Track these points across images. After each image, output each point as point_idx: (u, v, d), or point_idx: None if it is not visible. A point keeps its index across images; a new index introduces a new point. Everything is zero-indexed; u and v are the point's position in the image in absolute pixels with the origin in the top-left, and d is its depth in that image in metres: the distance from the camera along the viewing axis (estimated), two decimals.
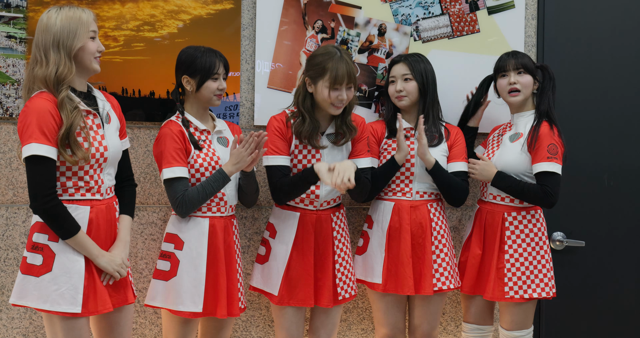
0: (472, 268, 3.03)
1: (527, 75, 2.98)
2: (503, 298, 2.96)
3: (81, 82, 2.49)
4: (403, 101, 3.00)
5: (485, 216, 3.03)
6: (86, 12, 2.44)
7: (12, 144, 2.89)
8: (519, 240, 2.98)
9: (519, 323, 3.01)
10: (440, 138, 3.01)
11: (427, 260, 2.94)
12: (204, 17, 3.06)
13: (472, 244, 3.06)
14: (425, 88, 2.99)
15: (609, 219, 3.49)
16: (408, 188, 2.98)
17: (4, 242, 2.89)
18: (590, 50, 3.47)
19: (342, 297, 2.88)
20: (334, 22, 3.19)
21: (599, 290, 3.50)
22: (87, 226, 2.44)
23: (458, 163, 3.01)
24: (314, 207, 2.87)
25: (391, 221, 2.98)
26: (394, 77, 3.02)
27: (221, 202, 2.74)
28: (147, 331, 3.05)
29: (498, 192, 3.00)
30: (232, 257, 2.75)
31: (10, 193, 2.89)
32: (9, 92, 2.86)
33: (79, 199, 2.45)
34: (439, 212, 3.01)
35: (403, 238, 2.94)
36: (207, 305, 2.68)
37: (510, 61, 3.00)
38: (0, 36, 2.85)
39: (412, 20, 3.27)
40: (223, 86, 2.74)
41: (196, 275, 2.67)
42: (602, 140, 3.49)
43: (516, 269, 2.96)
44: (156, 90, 2.99)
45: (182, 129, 2.71)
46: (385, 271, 2.96)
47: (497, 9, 3.35)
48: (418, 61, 3.00)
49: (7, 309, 2.89)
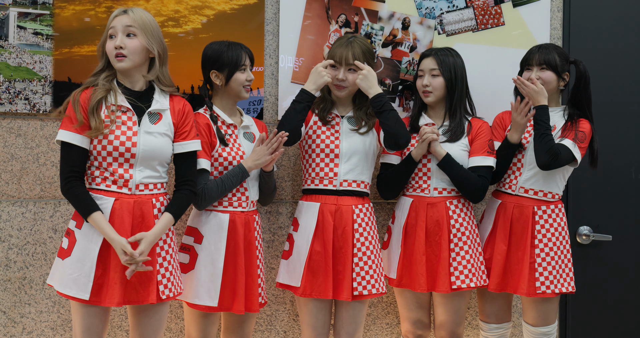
0: (498, 265, 2.98)
1: (549, 71, 2.95)
2: (535, 294, 2.93)
3: (129, 80, 2.56)
4: (429, 98, 2.98)
5: (512, 210, 2.99)
6: (114, 12, 2.57)
7: (40, 140, 2.92)
8: (548, 234, 2.96)
9: (545, 319, 2.99)
10: (462, 133, 2.98)
11: (443, 258, 2.91)
12: (228, 12, 3.06)
13: (496, 240, 3.00)
14: (452, 84, 2.96)
15: (636, 212, 3.46)
16: (426, 185, 2.97)
17: (32, 237, 2.92)
18: (617, 42, 3.43)
19: (358, 292, 2.83)
20: (358, 16, 3.18)
21: (626, 285, 3.47)
22: (109, 217, 2.47)
23: (477, 157, 2.96)
24: (334, 187, 2.87)
25: (408, 217, 2.97)
26: (422, 72, 3.00)
27: (242, 197, 2.75)
28: (172, 325, 3.07)
29: (533, 186, 2.96)
30: (253, 253, 2.75)
31: (37, 188, 2.92)
32: (36, 88, 2.89)
33: (104, 189, 2.50)
34: (460, 209, 2.96)
35: (418, 235, 2.93)
36: (223, 299, 2.69)
37: (534, 56, 2.97)
38: (28, 33, 2.88)
39: (436, 13, 3.25)
40: (251, 77, 2.77)
41: (213, 270, 2.69)
42: (630, 133, 3.45)
43: (547, 263, 2.94)
44: (181, 85, 3.00)
45: (209, 122, 2.73)
46: (400, 267, 2.97)
47: (522, 2, 3.32)
48: (448, 55, 2.98)
49: (35, 303, 2.93)
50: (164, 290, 2.54)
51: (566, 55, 3.00)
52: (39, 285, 2.92)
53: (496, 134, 3.05)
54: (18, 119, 2.91)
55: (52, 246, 2.93)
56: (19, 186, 2.92)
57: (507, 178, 3.04)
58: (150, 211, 2.53)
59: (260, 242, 2.83)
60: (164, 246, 2.57)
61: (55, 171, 2.93)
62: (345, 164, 2.87)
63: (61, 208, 2.94)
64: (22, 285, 2.92)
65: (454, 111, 2.97)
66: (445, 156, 2.89)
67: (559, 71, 2.96)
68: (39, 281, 2.92)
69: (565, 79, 3.00)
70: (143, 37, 2.51)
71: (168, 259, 2.57)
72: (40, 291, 2.92)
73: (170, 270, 2.58)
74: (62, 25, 2.91)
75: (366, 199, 2.95)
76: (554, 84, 2.97)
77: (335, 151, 2.87)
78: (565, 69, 2.98)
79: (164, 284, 2.53)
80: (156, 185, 2.57)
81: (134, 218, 2.50)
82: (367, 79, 2.81)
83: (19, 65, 2.88)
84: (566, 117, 2.98)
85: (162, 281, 2.54)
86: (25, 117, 2.91)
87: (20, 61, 2.88)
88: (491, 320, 3.09)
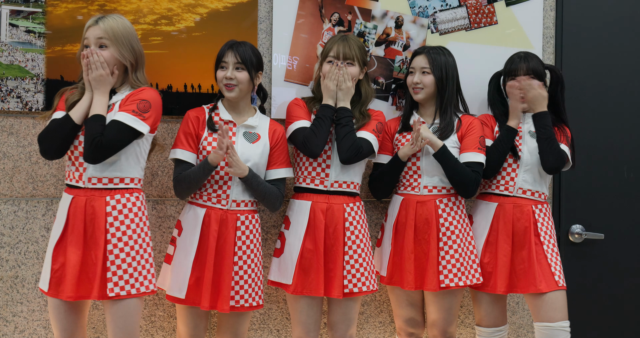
0: (505, 267, 2.96)
1: (536, 80, 2.98)
2: (557, 287, 2.93)
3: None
4: (419, 95, 2.99)
5: (513, 210, 2.98)
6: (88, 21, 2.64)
7: (32, 138, 2.91)
8: (549, 231, 3.00)
9: (561, 314, 2.96)
10: (451, 131, 2.98)
11: (432, 257, 2.91)
12: (221, 11, 3.06)
13: (499, 242, 2.98)
14: (443, 83, 2.97)
15: (629, 211, 3.47)
16: (416, 183, 2.97)
17: (24, 235, 2.91)
18: (609, 41, 3.45)
19: (348, 290, 2.84)
20: (351, 15, 3.18)
21: (618, 283, 3.48)
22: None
23: (468, 153, 2.95)
24: (325, 187, 2.87)
25: (398, 215, 2.99)
26: (413, 69, 3.01)
27: (223, 195, 2.74)
28: (165, 324, 3.06)
29: (529, 187, 2.98)
30: (226, 252, 2.72)
31: (30, 186, 2.91)
32: (29, 86, 2.88)
33: None
34: (449, 208, 2.96)
35: (407, 233, 2.94)
36: (190, 293, 2.70)
37: (522, 66, 2.99)
38: (20, 31, 2.87)
39: (430, 12, 3.25)
40: (229, 75, 2.74)
41: (186, 263, 2.72)
42: (622, 132, 3.46)
43: (555, 258, 2.97)
44: (174, 84, 2.99)
45: (198, 115, 2.78)
46: (390, 265, 2.98)
47: (515, 1, 3.33)
48: (439, 54, 2.99)
49: (27, 301, 2.92)
50: (114, 287, 2.54)
51: (542, 62, 3.06)
52: (31, 283, 2.91)
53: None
54: (10, 118, 2.90)
55: (44, 245, 2.92)
56: (11, 184, 2.91)
57: (502, 180, 3.03)
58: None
59: (249, 245, 2.78)
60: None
61: (47, 169, 2.92)
62: (337, 165, 2.88)
63: (53, 207, 2.93)
64: (14, 283, 2.91)
65: (445, 109, 2.98)
66: (442, 147, 2.89)
67: (543, 79, 3.01)
68: (31, 280, 2.91)
69: (547, 85, 3.05)
70: (114, 48, 2.57)
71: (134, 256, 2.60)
72: (32, 290, 2.92)
73: (112, 269, 2.58)
74: (55, 23, 2.90)
75: (357, 198, 2.96)
76: None
77: (327, 153, 2.88)
78: (545, 75, 3.03)
79: (113, 282, 2.54)
80: (99, 178, 2.60)
81: None
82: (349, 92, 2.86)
83: (11, 63, 2.87)
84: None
85: (111, 279, 2.55)
86: (18, 116, 2.90)
87: (12, 58, 2.87)
88: (491, 324, 3.06)
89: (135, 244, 2.59)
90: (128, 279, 2.56)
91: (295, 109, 2.93)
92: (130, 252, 2.57)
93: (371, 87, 3.01)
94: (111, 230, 2.55)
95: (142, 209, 2.64)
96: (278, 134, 2.86)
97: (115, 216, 2.56)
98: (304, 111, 2.92)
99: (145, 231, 2.64)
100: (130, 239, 2.58)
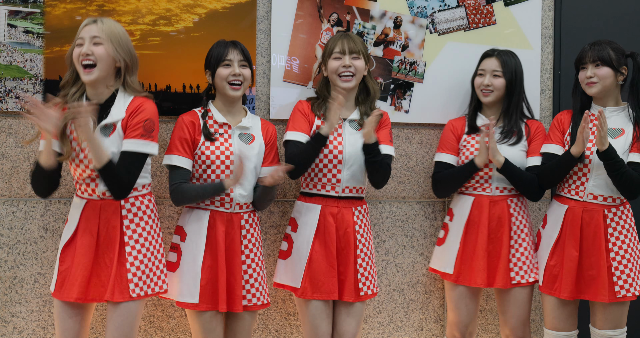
0: (571, 272, 2.91)
1: (605, 67, 2.90)
2: (616, 299, 2.89)
3: (95, 93, 2.58)
4: (489, 97, 3.03)
5: (582, 215, 2.93)
6: (84, 21, 2.59)
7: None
8: (621, 236, 2.93)
9: (616, 323, 2.94)
10: (520, 136, 3.02)
11: (504, 254, 2.97)
12: (220, 11, 3.06)
13: (566, 246, 2.94)
14: (512, 86, 3.01)
15: None
16: (487, 184, 3.02)
17: (22, 236, 2.91)
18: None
19: (363, 293, 2.87)
20: (350, 15, 3.18)
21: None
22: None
23: (533, 157, 3.03)
24: (336, 193, 2.87)
25: (470, 214, 3.03)
26: (483, 71, 3.05)
27: (226, 198, 2.73)
28: (164, 324, 3.06)
29: (601, 192, 2.90)
30: (236, 252, 2.73)
31: (28, 187, 2.91)
32: (27, 87, 2.88)
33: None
34: (519, 207, 3.04)
35: (480, 232, 2.99)
36: (204, 297, 2.68)
37: (587, 54, 2.94)
38: (18, 31, 2.87)
39: (428, 12, 3.25)
40: (236, 72, 2.73)
41: (194, 267, 2.70)
42: None
43: (624, 266, 2.90)
44: (172, 84, 2.99)
45: (194, 120, 2.74)
46: (459, 263, 3.02)
47: (513, 1, 3.33)
48: (510, 57, 3.03)
49: (26, 302, 2.91)
50: (134, 288, 2.55)
51: (621, 49, 2.94)
52: (30, 284, 2.91)
53: (553, 136, 3.03)
54: (9, 118, 2.90)
55: (42, 246, 2.92)
56: (9, 185, 2.90)
57: (573, 185, 2.97)
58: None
59: (254, 243, 2.80)
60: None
61: None
62: (348, 170, 2.87)
63: (52, 207, 2.93)
64: (12, 284, 2.90)
65: (511, 112, 3.02)
66: (505, 162, 2.93)
67: (615, 66, 2.90)
68: (30, 280, 2.91)
69: (624, 73, 2.94)
70: (110, 46, 2.53)
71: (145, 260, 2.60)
72: (30, 291, 2.91)
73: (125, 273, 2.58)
74: (53, 24, 2.90)
75: (363, 201, 2.98)
76: (611, 80, 2.92)
77: (338, 157, 2.86)
78: (622, 63, 2.93)
79: (134, 283, 2.55)
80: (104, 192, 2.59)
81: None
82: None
83: (9, 63, 2.87)
84: (632, 120, 2.93)
85: (132, 280, 2.55)
86: (16, 116, 2.90)
87: (10, 59, 2.87)
88: (561, 328, 2.99)
89: (151, 245, 2.62)
90: (145, 280, 2.58)
91: (296, 118, 2.89)
92: (147, 253, 2.59)
93: (377, 83, 3.02)
94: (128, 233, 2.57)
95: (155, 211, 2.68)
96: (271, 133, 2.86)
97: (131, 219, 2.58)
98: (305, 120, 2.88)
99: (158, 232, 2.67)
100: (146, 240, 2.61)
